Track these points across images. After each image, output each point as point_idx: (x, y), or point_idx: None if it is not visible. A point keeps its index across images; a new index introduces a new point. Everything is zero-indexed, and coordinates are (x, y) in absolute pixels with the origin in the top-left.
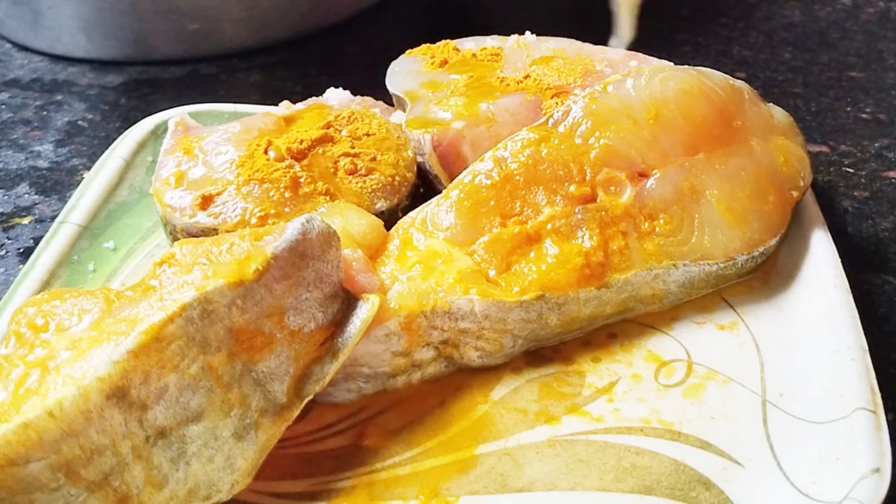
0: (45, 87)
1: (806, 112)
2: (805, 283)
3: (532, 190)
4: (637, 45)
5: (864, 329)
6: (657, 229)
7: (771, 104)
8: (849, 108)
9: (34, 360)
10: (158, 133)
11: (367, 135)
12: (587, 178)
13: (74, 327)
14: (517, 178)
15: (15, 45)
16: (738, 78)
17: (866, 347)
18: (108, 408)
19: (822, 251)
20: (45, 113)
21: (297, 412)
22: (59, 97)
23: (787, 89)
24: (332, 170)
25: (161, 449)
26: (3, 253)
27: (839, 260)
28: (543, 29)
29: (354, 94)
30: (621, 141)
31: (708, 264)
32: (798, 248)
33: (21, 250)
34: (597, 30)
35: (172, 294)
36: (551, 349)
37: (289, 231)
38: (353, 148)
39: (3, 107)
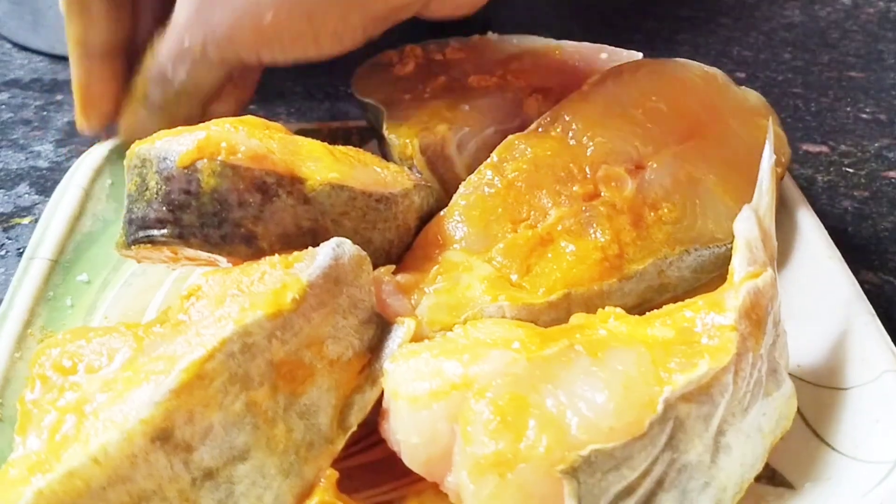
0: (45, 87)
1: (806, 112)
2: (800, 260)
3: (536, 194)
4: (637, 46)
5: None
6: (663, 218)
7: (743, 87)
8: (849, 108)
9: (65, 404)
10: (113, 159)
11: None
12: (588, 176)
13: (105, 368)
14: (519, 184)
15: (15, 45)
16: (737, 78)
17: (874, 312)
18: (153, 451)
19: (808, 227)
20: (45, 113)
21: (341, 444)
22: (59, 97)
23: (787, 89)
24: None
25: (209, 491)
26: (3, 253)
27: (827, 234)
28: (545, 28)
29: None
30: (614, 137)
31: (717, 246)
32: (786, 227)
33: (21, 250)
34: (597, 28)
35: (209, 328)
36: None
37: (320, 256)
38: None
39: (3, 107)
